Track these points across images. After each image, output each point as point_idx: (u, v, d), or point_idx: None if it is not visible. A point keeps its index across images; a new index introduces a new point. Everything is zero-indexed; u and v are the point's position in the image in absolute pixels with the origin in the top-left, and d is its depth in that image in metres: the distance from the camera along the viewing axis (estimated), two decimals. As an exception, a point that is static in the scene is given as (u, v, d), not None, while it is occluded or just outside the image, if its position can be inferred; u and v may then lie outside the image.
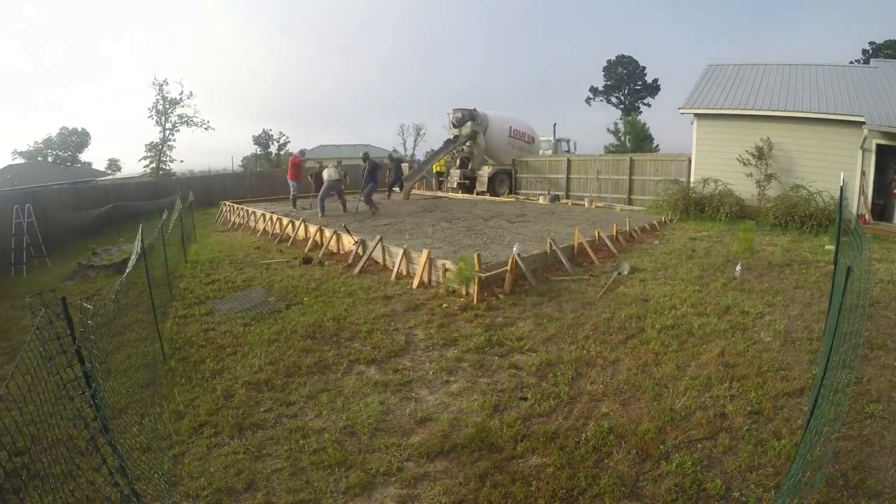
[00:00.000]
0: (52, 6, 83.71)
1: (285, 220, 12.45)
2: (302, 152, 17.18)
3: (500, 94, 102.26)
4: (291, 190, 15.86)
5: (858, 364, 4.20)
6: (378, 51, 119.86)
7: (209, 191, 23.19)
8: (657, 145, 37.94)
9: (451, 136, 21.06)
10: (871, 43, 41.68)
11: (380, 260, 8.65)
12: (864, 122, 11.49)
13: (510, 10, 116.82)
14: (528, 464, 3.31)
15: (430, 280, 7.44)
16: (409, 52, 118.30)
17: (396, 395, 4.28)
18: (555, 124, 25.62)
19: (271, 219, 13.30)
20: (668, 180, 15.07)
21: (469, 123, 20.38)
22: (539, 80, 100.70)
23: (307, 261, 9.34)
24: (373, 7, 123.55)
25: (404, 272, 7.93)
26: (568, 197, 18.88)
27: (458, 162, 21.86)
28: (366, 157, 15.12)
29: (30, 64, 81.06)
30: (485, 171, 20.87)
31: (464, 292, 6.78)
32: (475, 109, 20.67)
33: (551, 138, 25.20)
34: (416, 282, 7.38)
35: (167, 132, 33.44)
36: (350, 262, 8.91)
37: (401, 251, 7.98)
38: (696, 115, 14.31)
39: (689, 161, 15.02)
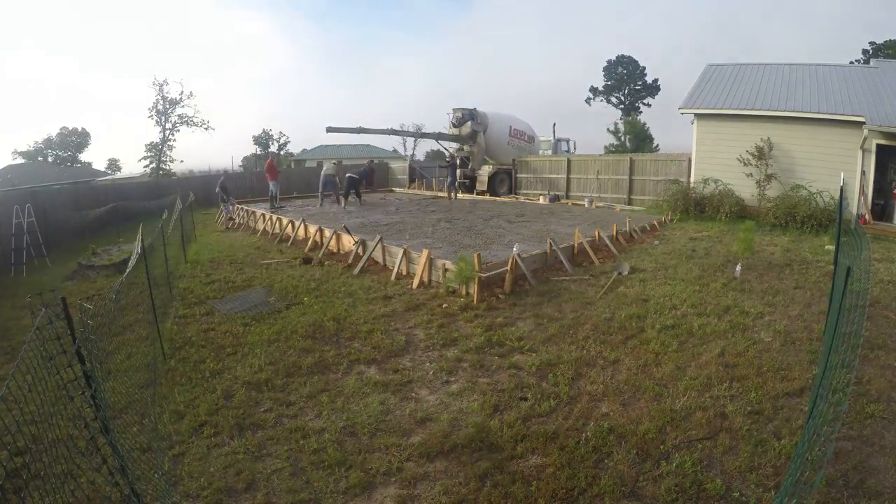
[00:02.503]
0: (53, 6, 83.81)
1: (285, 220, 12.45)
2: (269, 154, 18.99)
3: (500, 93, 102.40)
4: (271, 189, 16.26)
5: (858, 364, 4.20)
6: (378, 50, 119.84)
7: (209, 191, 23.17)
8: (657, 145, 37.97)
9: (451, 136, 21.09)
10: (871, 43, 41.69)
11: (380, 260, 8.65)
12: (864, 122, 11.48)
13: (509, 9, 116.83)
14: (528, 464, 3.31)
15: (430, 280, 7.44)
16: (408, 51, 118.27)
17: (396, 395, 4.28)
18: (554, 124, 25.55)
19: (271, 219, 13.30)
20: (668, 180, 15.07)
21: (469, 123, 20.38)
22: (539, 80, 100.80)
23: (307, 261, 9.34)
24: (375, 7, 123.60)
25: (404, 272, 7.92)
26: (568, 197, 18.88)
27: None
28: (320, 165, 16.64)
29: (30, 64, 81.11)
30: (485, 171, 20.87)
31: (464, 292, 6.78)
32: (475, 109, 20.67)
33: (551, 138, 25.15)
34: (416, 282, 7.37)
35: (167, 132, 33.43)
36: (350, 262, 8.91)
37: (401, 251, 7.98)
38: (696, 115, 14.29)
39: (689, 161, 15.02)
